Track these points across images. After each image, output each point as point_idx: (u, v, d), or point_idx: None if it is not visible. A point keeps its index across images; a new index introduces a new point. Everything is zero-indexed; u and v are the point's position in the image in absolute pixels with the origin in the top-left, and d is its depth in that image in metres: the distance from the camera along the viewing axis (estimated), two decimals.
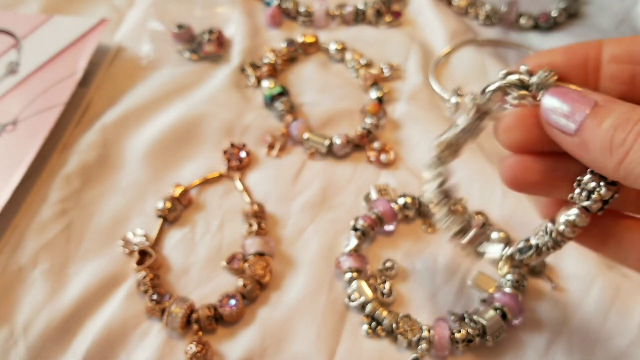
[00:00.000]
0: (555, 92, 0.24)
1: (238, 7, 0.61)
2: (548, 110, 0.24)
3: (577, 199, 0.25)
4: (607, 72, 0.25)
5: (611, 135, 0.22)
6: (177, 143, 0.50)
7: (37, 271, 0.41)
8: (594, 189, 0.25)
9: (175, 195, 0.45)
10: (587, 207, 0.25)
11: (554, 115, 0.24)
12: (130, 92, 0.54)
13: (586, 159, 0.23)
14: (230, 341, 0.39)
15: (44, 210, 0.45)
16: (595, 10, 0.65)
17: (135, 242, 0.43)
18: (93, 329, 0.39)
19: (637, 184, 0.22)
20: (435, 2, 0.64)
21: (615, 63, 0.25)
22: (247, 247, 0.43)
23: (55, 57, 0.54)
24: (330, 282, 0.41)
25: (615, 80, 0.25)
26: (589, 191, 0.25)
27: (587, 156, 0.23)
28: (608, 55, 0.25)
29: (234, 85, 0.55)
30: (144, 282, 0.40)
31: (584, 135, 0.23)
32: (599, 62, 0.25)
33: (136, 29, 0.60)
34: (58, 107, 0.50)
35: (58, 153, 0.49)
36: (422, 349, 0.37)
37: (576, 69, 0.25)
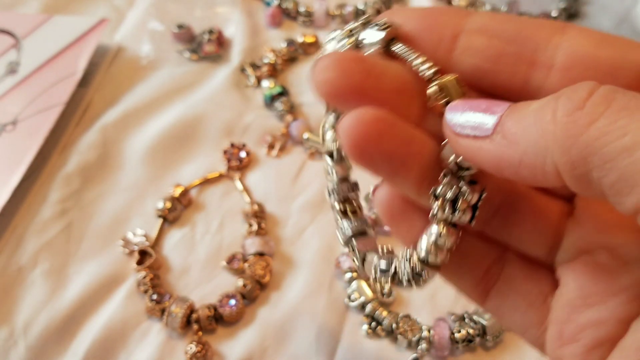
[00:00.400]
0: (457, 105, 0.19)
1: (238, 7, 0.61)
2: (454, 124, 0.19)
3: (439, 213, 0.20)
4: (467, 43, 0.21)
5: (554, 106, 0.16)
6: (177, 143, 0.50)
7: (37, 271, 0.41)
8: (456, 197, 0.20)
9: (175, 195, 0.45)
10: (452, 221, 0.20)
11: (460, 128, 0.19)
12: (130, 92, 0.54)
13: (514, 159, 0.17)
14: (230, 341, 0.39)
15: (44, 210, 0.45)
16: (595, 10, 0.65)
17: (135, 242, 0.43)
18: (93, 329, 0.39)
19: (599, 174, 0.15)
20: (436, 2, 0.64)
21: (483, 36, 0.20)
22: (247, 247, 0.43)
23: (55, 57, 0.54)
24: (330, 282, 0.41)
25: (478, 54, 0.20)
26: (451, 200, 0.20)
27: (516, 153, 0.17)
28: (476, 24, 0.21)
29: (234, 85, 0.54)
30: (144, 282, 0.40)
31: (507, 127, 0.17)
32: (459, 30, 0.21)
33: (136, 29, 0.60)
34: (58, 107, 0.50)
35: (58, 153, 0.49)
36: (422, 349, 0.37)
37: (431, 31, 0.21)
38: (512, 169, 0.17)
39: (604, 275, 0.20)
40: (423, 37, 0.21)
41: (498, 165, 0.18)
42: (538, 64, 0.20)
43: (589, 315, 0.20)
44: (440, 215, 0.20)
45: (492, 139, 0.18)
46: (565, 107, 0.16)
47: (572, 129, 0.16)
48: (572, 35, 0.19)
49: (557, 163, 0.16)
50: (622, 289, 0.19)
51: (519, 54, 0.20)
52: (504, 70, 0.20)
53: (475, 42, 0.20)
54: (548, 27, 0.20)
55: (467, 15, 0.21)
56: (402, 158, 0.20)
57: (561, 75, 0.19)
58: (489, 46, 0.20)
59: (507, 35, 0.20)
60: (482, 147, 0.18)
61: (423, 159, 0.20)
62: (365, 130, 0.19)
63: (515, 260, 0.22)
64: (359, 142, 0.19)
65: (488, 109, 0.18)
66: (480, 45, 0.20)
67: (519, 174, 0.17)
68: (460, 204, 0.19)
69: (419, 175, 0.20)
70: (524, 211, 0.21)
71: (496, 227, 0.22)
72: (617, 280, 0.19)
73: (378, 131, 0.19)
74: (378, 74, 0.20)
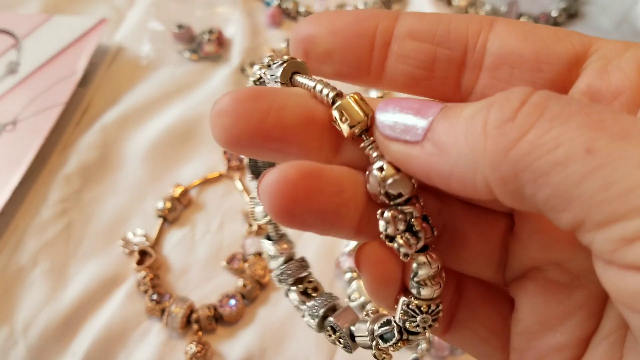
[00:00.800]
0: (387, 104, 0.18)
1: (238, 7, 0.61)
2: (384, 125, 0.17)
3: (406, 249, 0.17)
4: (399, 49, 0.19)
5: (485, 116, 0.15)
6: (177, 143, 0.50)
7: (37, 271, 0.41)
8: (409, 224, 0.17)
9: (175, 195, 0.45)
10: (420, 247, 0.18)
11: (389, 129, 0.17)
12: (130, 92, 0.54)
13: (444, 170, 0.16)
14: (230, 341, 0.39)
15: (44, 210, 0.45)
16: (595, 10, 0.65)
17: (135, 242, 0.43)
18: (93, 329, 0.39)
19: (532, 191, 0.14)
20: (435, 2, 0.64)
21: (413, 40, 0.19)
22: (247, 247, 0.43)
23: (55, 57, 0.54)
24: (330, 282, 0.41)
25: (410, 60, 0.19)
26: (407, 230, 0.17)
27: (446, 164, 0.16)
28: (405, 29, 0.19)
29: (234, 85, 0.54)
30: (144, 282, 0.40)
31: (437, 134, 0.16)
32: (390, 36, 0.19)
33: (136, 29, 0.60)
34: (58, 107, 0.50)
35: (58, 153, 0.49)
36: (422, 349, 0.37)
37: (361, 41, 0.19)
38: (442, 181, 0.16)
39: (557, 293, 0.19)
40: (352, 48, 0.19)
41: (428, 176, 0.16)
42: (468, 66, 0.19)
43: (548, 341, 0.19)
44: (409, 250, 0.17)
45: (423, 145, 0.16)
46: (496, 118, 0.15)
47: (501, 143, 0.14)
48: (499, 30, 0.19)
49: (488, 178, 0.15)
50: (578, 307, 0.18)
51: (450, 57, 0.19)
52: (436, 75, 0.19)
53: (407, 47, 0.19)
54: (477, 23, 0.19)
55: (395, 18, 0.19)
56: (335, 211, 0.18)
57: (490, 75, 0.19)
58: (420, 51, 0.19)
59: (437, 38, 0.19)
60: (412, 154, 0.17)
61: (357, 202, 0.18)
62: (290, 192, 0.17)
63: (472, 286, 0.21)
64: (285, 207, 0.17)
65: (419, 111, 0.17)
66: (412, 50, 0.19)
67: (450, 186, 0.16)
68: (416, 227, 0.17)
69: (357, 219, 0.18)
70: (466, 234, 0.20)
71: (442, 255, 0.19)
72: (571, 298, 0.18)
73: (304, 190, 0.17)
74: (279, 108, 0.17)
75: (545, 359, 0.19)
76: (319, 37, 0.19)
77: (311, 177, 0.17)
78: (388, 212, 0.17)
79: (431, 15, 0.19)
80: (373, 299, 0.20)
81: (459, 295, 0.21)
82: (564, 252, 0.18)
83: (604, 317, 0.18)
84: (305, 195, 0.17)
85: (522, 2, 0.63)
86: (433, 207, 0.20)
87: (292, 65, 0.19)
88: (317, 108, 0.18)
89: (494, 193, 0.15)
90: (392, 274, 0.19)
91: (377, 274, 0.19)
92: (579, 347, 0.18)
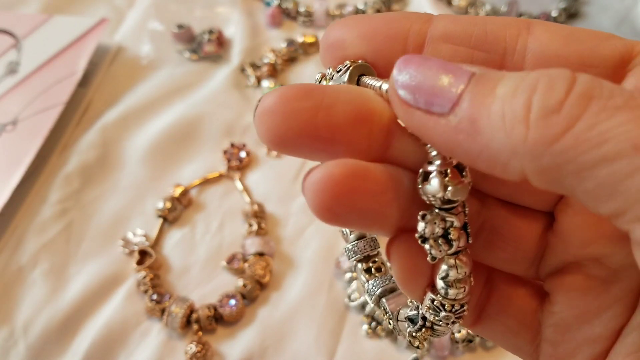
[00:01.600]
0: (409, 62, 0.16)
1: (238, 7, 0.61)
2: (403, 87, 0.16)
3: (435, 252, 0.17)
4: (434, 53, 0.19)
5: (527, 102, 0.14)
6: (177, 143, 0.50)
7: (37, 271, 0.41)
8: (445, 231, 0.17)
9: (175, 195, 0.45)
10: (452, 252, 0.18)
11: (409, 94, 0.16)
12: (130, 92, 0.54)
13: (473, 150, 0.15)
14: (230, 341, 0.39)
15: (44, 210, 0.45)
16: (595, 10, 0.65)
17: (135, 242, 0.43)
18: (93, 329, 0.39)
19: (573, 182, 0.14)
20: (435, 2, 0.64)
21: (448, 43, 0.19)
22: (247, 247, 0.43)
23: (55, 57, 0.54)
24: (330, 282, 0.41)
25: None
26: (442, 236, 0.17)
27: (476, 143, 0.15)
28: (439, 31, 0.19)
29: (234, 85, 0.55)
30: (144, 282, 0.40)
31: (467, 109, 0.15)
32: (423, 39, 0.19)
33: (136, 29, 0.60)
34: (58, 107, 0.50)
35: (58, 153, 0.49)
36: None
37: (393, 44, 0.19)
38: (468, 159, 0.15)
39: (595, 288, 0.19)
40: (384, 52, 0.19)
41: (452, 151, 0.16)
42: (507, 69, 0.18)
43: (583, 333, 0.19)
44: (439, 254, 0.18)
45: (449, 119, 0.15)
46: (540, 107, 0.14)
47: (546, 135, 0.14)
48: (538, 34, 0.18)
49: (525, 167, 0.14)
50: (615, 300, 0.18)
51: (487, 60, 0.18)
52: None
53: (442, 51, 0.19)
54: (514, 26, 0.18)
55: (428, 21, 0.19)
56: (378, 211, 0.17)
57: None
58: (456, 54, 0.18)
59: (474, 40, 0.18)
60: (436, 127, 0.15)
61: (400, 202, 0.18)
62: (335, 191, 0.16)
63: (502, 279, 0.21)
64: (328, 205, 0.16)
65: (445, 76, 0.16)
66: (447, 53, 0.18)
67: (475, 165, 0.15)
68: (452, 236, 0.17)
69: (398, 219, 0.18)
70: (504, 234, 0.20)
71: (478, 252, 0.20)
72: (608, 292, 0.19)
73: (349, 189, 0.16)
74: (328, 106, 0.17)
75: (580, 350, 0.19)
76: (349, 41, 0.19)
77: (356, 177, 0.17)
78: (429, 216, 0.17)
79: (466, 18, 0.19)
80: (402, 290, 0.20)
81: (489, 288, 0.21)
82: (606, 248, 0.18)
83: (637, 308, 0.18)
84: (349, 194, 0.16)
85: (522, 2, 0.63)
86: (473, 209, 0.20)
87: (357, 69, 0.18)
88: (366, 105, 0.17)
89: (528, 179, 0.15)
90: (422, 268, 0.19)
91: (406, 267, 0.19)
92: (612, 337, 0.19)
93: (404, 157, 0.18)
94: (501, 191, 0.20)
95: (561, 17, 0.62)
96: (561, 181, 0.14)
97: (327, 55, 0.19)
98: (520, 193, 0.19)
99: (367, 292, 0.22)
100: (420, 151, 0.18)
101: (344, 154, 0.17)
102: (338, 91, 0.17)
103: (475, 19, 0.19)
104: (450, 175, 0.17)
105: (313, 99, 0.17)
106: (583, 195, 0.14)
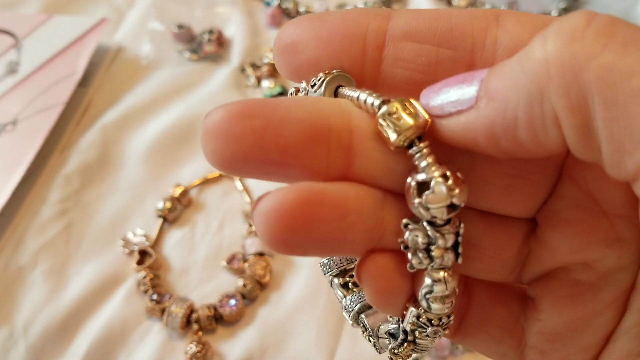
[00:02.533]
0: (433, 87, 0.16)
1: (238, 7, 0.61)
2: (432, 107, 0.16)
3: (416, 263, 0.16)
4: (395, 52, 0.17)
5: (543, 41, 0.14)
6: (177, 143, 0.50)
7: (37, 271, 0.41)
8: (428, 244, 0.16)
9: (175, 195, 0.45)
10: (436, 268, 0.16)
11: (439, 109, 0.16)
12: (130, 92, 0.54)
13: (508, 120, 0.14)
14: (230, 341, 0.39)
15: (44, 210, 0.45)
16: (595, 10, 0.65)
17: (135, 242, 0.43)
18: (93, 329, 0.39)
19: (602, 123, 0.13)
20: (435, 2, 0.64)
21: (410, 41, 0.17)
22: (247, 247, 0.43)
23: (55, 57, 0.54)
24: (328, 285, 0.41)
25: (408, 64, 0.17)
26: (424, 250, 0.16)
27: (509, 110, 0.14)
28: (400, 28, 0.17)
29: (234, 85, 0.55)
30: (144, 282, 0.40)
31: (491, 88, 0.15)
32: (383, 38, 0.17)
33: (136, 29, 0.60)
34: (58, 107, 0.50)
35: (58, 153, 0.49)
36: None
37: (350, 45, 0.17)
38: (508, 134, 0.14)
39: (584, 294, 0.18)
40: (342, 54, 0.17)
41: (492, 135, 0.15)
42: (477, 67, 0.17)
43: (573, 342, 0.18)
44: (420, 266, 0.16)
45: (478, 107, 0.15)
46: (558, 38, 0.13)
47: (570, 64, 0.13)
48: (509, 26, 0.17)
49: (556, 108, 0.13)
50: (605, 306, 0.18)
51: (454, 58, 0.17)
52: (441, 78, 0.17)
53: (405, 50, 0.17)
54: (481, 19, 0.17)
55: (387, 17, 0.17)
56: (339, 238, 0.16)
57: None
58: (420, 54, 0.17)
59: (438, 37, 0.17)
60: (468, 119, 0.15)
61: (364, 223, 0.16)
62: (287, 221, 0.15)
63: (481, 287, 0.20)
64: (281, 237, 0.15)
65: (465, 80, 0.15)
66: (410, 53, 0.17)
67: (518, 139, 0.14)
68: (435, 252, 0.16)
69: (363, 243, 0.17)
70: (482, 246, 0.18)
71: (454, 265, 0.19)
72: (598, 298, 0.18)
73: (303, 218, 0.15)
74: (277, 126, 0.15)
75: (569, 358, 0.18)
76: (304, 44, 0.17)
77: (311, 204, 0.15)
78: (413, 225, 0.16)
79: (428, 12, 0.17)
80: (378, 310, 0.19)
81: (468, 295, 0.20)
82: (597, 252, 0.17)
83: (627, 311, 0.18)
84: (304, 224, 0.15)
85: (521, 2, 0.63)
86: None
87: (333, 81, 0.17)
88: (321, 121, 0.16)
89: (564, 131, 0.14)
90: (398, 286, 0.17)
91: (379, 288, 0.17)
92: (602, 343, 0.18)
93: (370, 173, 0.16)
94: (481, 203, 0.18)
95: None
96: (591, 126, 0.13)
97: (282, 61, 0.18)
98: (502, 202, 0.18)
99: (345, 308, 0.21)
100: (388, 165, 0.16)
101: (298, 176, 0.16)
102: (289, 107, 0.15)
103: (439, 13, 0.17)
104: (452, 177, 0.15)
105: (260, 118, 0.15)
106: (609, 146, 0.13)
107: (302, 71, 0.18)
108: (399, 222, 0.16)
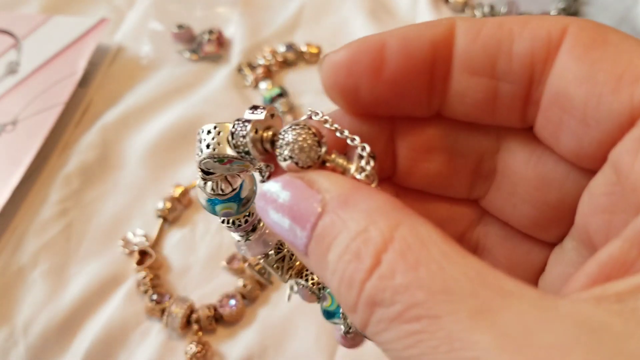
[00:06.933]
0: (283, 183, 0.16)
1: (238, 7, 0.61)
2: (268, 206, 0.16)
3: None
4: (460, 87, 0.17)
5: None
6: (177, 143, 0.50)
7: (37, 271, 0.41)
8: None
9: (175, 195, 0.45)
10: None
11: (272, 218, 0.16)
12: (130, 92, 0.54)
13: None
14: (230, 341, 0.39)
15: (44, 210, 0.45)
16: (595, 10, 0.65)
17: (135, 242, 0.43)
18: (93, 329, 0.39)
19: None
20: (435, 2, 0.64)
21: (470, 75, 0.16)
22: None
23: (55, 57, 0.54)
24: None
25: (467, 100, 0.17)
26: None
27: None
28: (461, 59, 0.16)
29: (234, 85, 0.54)
30: (144, 282, 0.40)
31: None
32: (449, 66, 0.17)
33: (136, 29, 0.60)
34: (58, 107, 0.50)
35: (58, 153, 0.49)
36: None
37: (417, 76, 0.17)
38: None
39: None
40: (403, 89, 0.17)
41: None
42: (531, 102, 0.16)
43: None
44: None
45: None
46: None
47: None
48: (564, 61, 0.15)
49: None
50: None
51: (513, 93, 0.17)
52: (500, 111, 0.17)
53: (463, 86, 0.17)
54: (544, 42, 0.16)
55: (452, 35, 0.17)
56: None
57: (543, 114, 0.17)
58: (479, 89, 0.17)
59: (499, 70, 0.16)
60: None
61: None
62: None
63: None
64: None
65: (294, 218, 0.15)
66: (469, 89, 0.17)
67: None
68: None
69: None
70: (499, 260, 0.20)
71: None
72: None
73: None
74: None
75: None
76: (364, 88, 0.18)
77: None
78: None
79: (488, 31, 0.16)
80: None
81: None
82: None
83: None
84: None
85: (521, 2, 0.63)
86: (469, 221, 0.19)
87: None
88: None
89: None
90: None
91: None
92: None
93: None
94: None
95: None
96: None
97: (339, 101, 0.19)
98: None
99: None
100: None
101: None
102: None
103: (501, 33, 0.16)
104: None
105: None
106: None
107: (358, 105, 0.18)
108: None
